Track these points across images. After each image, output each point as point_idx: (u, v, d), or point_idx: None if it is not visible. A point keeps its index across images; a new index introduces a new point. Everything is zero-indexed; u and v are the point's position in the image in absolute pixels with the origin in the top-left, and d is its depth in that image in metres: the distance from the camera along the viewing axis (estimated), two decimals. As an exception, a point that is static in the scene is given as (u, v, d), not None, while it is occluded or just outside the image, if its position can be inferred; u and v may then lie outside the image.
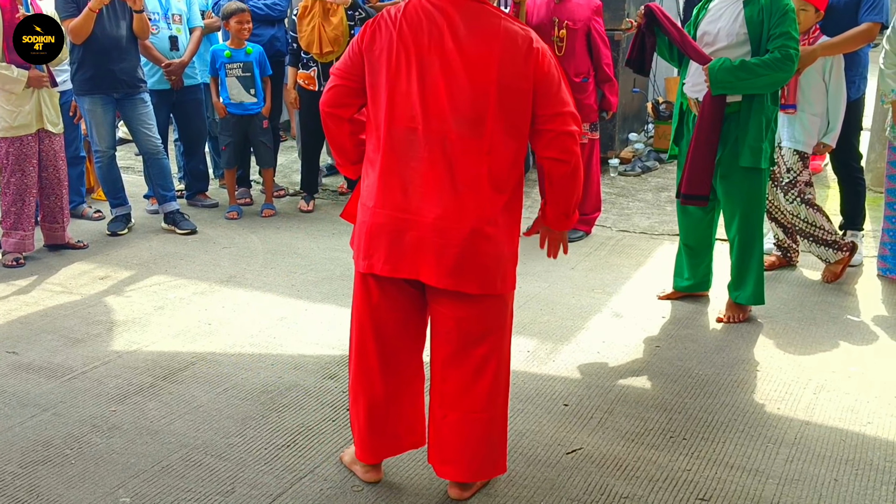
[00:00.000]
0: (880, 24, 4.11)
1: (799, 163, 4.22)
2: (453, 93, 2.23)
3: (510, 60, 2.23)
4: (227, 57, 5.53)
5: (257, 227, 5.50)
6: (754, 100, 3.61)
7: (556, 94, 2.28)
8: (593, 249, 4.97)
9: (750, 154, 3.64)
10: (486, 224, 2.28)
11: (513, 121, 2.26)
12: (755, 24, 3.54)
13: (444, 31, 2.24)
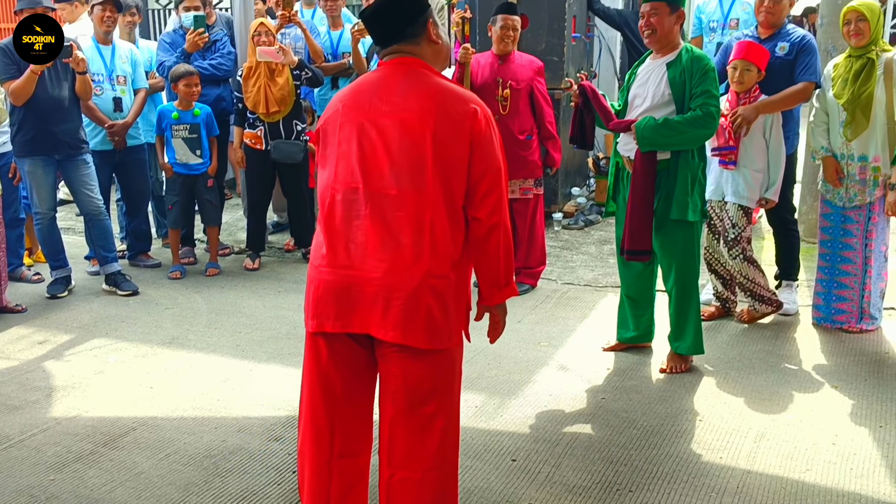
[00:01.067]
0: (815, 83, 4.33)
1: (743, 218, 4.38)
2: (391, 151, 2.29)
3: (446, 117, 2.29)
4: (174, 118, 5.53)
5: (201, 286, 5.44)
6: (681, 156, 3.76)
7: (489, 154, 2.33)
8: (539, 302, 5.03)
9: (678, 207, 3.77)
10: (433, 277, 2.30)
11: (450, 176, 2.31)
12: (678, 85, 3.71)
13: (384, 95, 2.33)
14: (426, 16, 2.41)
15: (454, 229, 2.34)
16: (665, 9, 3.72)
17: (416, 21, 2.39)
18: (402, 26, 2.39)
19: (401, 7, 2.41)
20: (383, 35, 2.43)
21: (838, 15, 4.50)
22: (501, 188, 2.35)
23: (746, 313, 4.60)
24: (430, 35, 2.41)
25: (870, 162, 4.27)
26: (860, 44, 4.17)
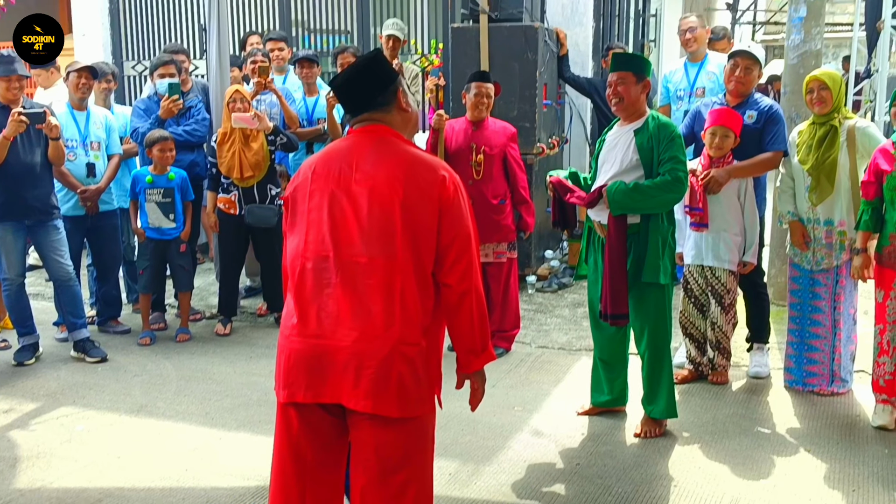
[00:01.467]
0: (783, 152, 4.44)
1: (734, 283, 4.49)
2: (361, 218, 2.30)
3: (415, 184, 2.31)
4: (148, 182, 5.53)
5: (171, 352, 5.37)
6: (651, 220, 3.83)
7: (458, 220, 2.34)
8: (513, 366, 5.01)
9: (650, 270, 3.82)
10: (403, 345, 2.29)
11: (420, 242, 2.32)
12: (646, 151, 3.80)
13: (354, 162, 2.35)
14: (396, 84, 2.45)
15: (424, 296, 2.34)
16: (632, 78, 3.83)
17: (385, 90, 2.43)
18: (373, 95, 2.43)
19: (371, 76, 2.44)
20: (354, 104, 2.47)
21: (801, 84, 4.64)
22: (472, 254, 2.36)
23: (718, 375, 4.62)
24: (399, 103, 2.45)
25: (835, 226, 4.36)
26: (823, 111, 4.30)
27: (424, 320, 2.35)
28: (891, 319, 3.99)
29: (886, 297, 4.00)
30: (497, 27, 6.40)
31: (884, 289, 4.02)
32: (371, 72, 2.45)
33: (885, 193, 3.94)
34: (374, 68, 2.45)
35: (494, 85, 5.22)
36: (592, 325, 4.18)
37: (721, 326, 4.56)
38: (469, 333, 2.41)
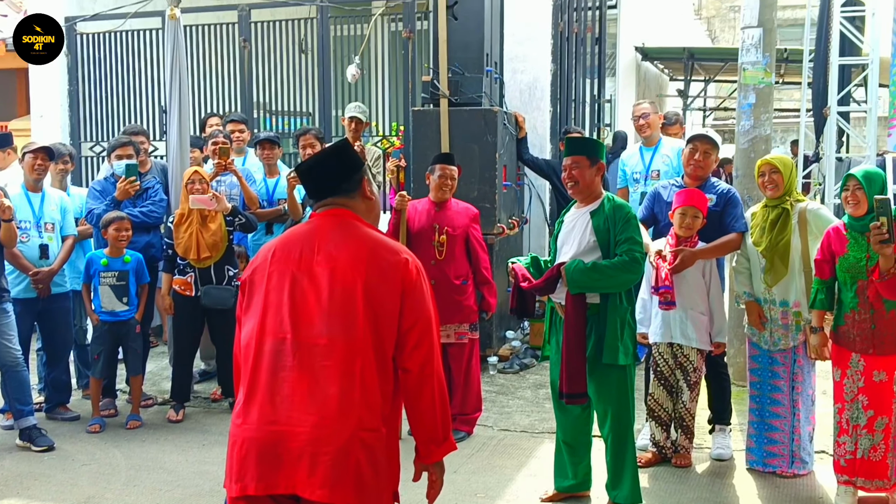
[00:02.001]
0: (743, 233, 4.51)
1: (702, 361, 4.52)
2: (321, 300, 2.27)
3: (377, 267, 2.30)
4: (102, 265, 5.43)
5: (121, 440, 5.18)
6: (609, 300, 3.84)
7: (420, 304, 2.32)
8: (475, 450, 4.92)
9: (609, 351, 3.82)
10: (363, 430, 2.23)
11: (381, 325, 2.28)
12: (602, 232, 3.85)
13: (315, 246, 2.34)
14: (362, 173, 2.47)
15: (384, 380, 2.30)
16: (586, 162, 3.90)
17: (351, 178, 2.44)
18: (338, 182, 2.44)
19: (338, 163, 2.46)
20: (318, 189, 2.47)
21: (752, 167, 4.77)
22: (433, 339, 2.33)
23: (681, 458, 4.59)
24: (364, 191, 2.47)
25: (790, 307, 4.41)
26: (775, 195, 4.40)
27: (384, 406, 2.29)
28: (849, 398, 4.01)
29: (843, 375, 4.03)
30: (457, 110, 6.52)
31: (841, 367, 4.05)
32: (338, 159, 2.47)
33: (838, 274, 4.01)
34: (341, 156, 2.48)
35: (457, 167, 5.28)
36: (556, 407, 4.13)
37: (686, 403, 4.54)
38: (430, 421, 2.35)
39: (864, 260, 3.87)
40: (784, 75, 13.27)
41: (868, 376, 3.94)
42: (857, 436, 3.98)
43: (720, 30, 24.89)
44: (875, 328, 3.88)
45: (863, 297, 3.91)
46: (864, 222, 3.88)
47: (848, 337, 4.00)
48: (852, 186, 3.93)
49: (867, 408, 3.95)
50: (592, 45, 9.28)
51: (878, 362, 3.91)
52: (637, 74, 13.04)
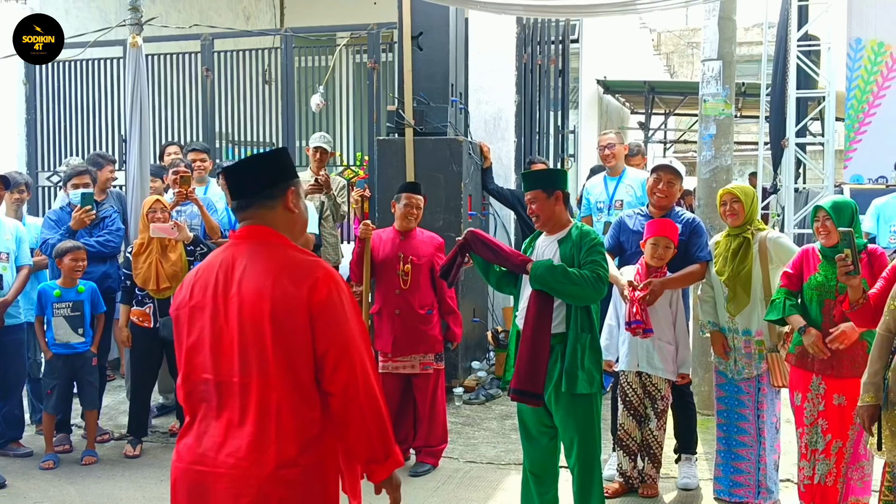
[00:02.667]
0: (708, 262, 4.53)
1: (669, 389, 4.51)
2: (232, 337, 2.20)
3: (282, 293, 2.19)
4: (56, 296, 5.28)
5: (76, 476, 5.00)
6: (572, 329, 3.82)
7: (333, 324, 2.20)
8: (441, 483, 4.84)
9: (570, 381, 3.78)
10: (282, 468, 2.16)
11: (293, 354, 2.19)
12: (568, 258, 3.85)
13: (228, 275, 2.25)
14: (291, 183, 2.36)
15: (306, 408, 2.21)
16: (542, 195, 3.91)
17: (276, 184, 2.34)
18: (263, 185, 2.33)
19: (267, 166, 2.36)
20: (241, 189, 2.35)
21: (713, 197, 4.81)
22: (353, 357, 2.21)
23: (648, 488, 4.56)
24: (287, 202, 2.35)
25: (753, 336, 4.42)
26: (736, 223, 4.43)
27: (308, 433, 2.20)
28: (808, 422, 4.02)
29: (804, 399, 4.04)
30: (422, 140, 6.52)
31: (801, 391, 4.06)
32: (269, 162, 2.37)
33: (805, 292, 4.03)
34: (273, 159, 2.39)
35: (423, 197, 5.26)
36: (523, 438, 4.08)
37: (654, 431, 4.52)
38: (366, 441, 2.24)
39: (834, 281, 3.90)
40: (742, 109, 13.54)
41: (828, 400, 3.95)
42: (816, 461, 3.99)
43: (679, 65, 25.41)
44: (836, 349, 3.90)
45: (828, 316, 3.93)
46: (836, 250, 3.90)
47: (807, 356, 4.01)
48: (822, 218, 3.97)
49: (826, 432, 3.97)
50: (556, 77, 9.39)
51: (838, 385, 3.92)
52: (599, 107, 13.23)
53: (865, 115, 8.92)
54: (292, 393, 2.18)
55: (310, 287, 2.20)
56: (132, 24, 6.08)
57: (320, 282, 2.21)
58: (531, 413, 3.97)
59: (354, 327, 2.24)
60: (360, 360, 2.23)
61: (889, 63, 8.84)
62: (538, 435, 3.98)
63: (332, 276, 2.26)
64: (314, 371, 2.22)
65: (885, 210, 6.61)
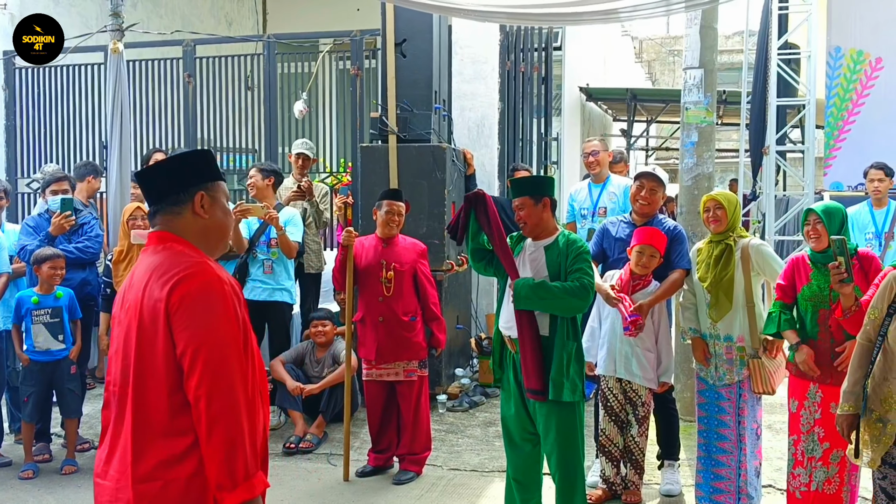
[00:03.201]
0: (688, 270, 4.55)
1: (650, 396, 4.52)
2: (119, 345, 2.19)
3: (148, 296, 2.10)
4: (34, 303, 5.22)
5: (55, 486, 4.94)
6: (557, 336, 3.83)
7: (189, 326, 2.05)
8: (425, 491, 4.82)
9: (554, 388, 3.79)
10: (143, 483, 2.05)
11: (158, 362, 2.08)
12: (555, 266, 3.88)
13: (129, 284, 2.21)
14: (201, 187, 2.25)
15: (175, 418, 2.07)
16: (529, 202, 3.94)
17: (186, 188, 2.22)
18: (170, 188, 2.22)
19: (180, 168, 2.26)
20: (150, 192, 2.27)
21: (695, 204, 4.84)
22: (207, 361, 2.03)
23: (631, 494, 4.56)
24: (195, 206, 2.22)
25: (735, 342, 4.43)
26: (718, 230, 4.45)
27: (175, 445, 2.05)
28: (805, 430, 4.02)
29: (800, 406, 4.04)
30: (406, 147, 6.52)
31: (798, 399, 4.06)
32: (177, 164, 2.27)
33: (799, 303, 4.04)
34: (182, 161, 2.29)
35: (404, 203, 5.25)
36: (506, 445, 4.08)
37: (635, 437, 4.53)
38: (211, 461, 2.03)
39: (827, 290, 3.92)
40: (723, 116, 13.63)
41: (825, 408, 3.95)
42: (812, 468, 3.99)
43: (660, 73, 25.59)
44: (835, 358, 3.90)
45: (824, 326, 3.94)
46: (826, 256, 3.91)
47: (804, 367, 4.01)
48: (812, 221, 3.98)
49: (823, 440, 3.97)
50: (539, 84, 9.42)
51: (835, 394, 3.88)
52: (582, 114, 13.27)
53: (845, 122, 9.01)
54: (161, 401, 2.07)
55: (171, 287, 2.06)
56: (113, 29, 6.05)
57: (182, 281, 2.07)
58: (515, 420, 3.98)
59: (222, 330, 2.06)
60: (218, 365, 2.03)
61: (868, 71, 8.94)
62: (521, 442, 3.98)
63: (200, 274, 2.09)
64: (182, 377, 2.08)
65: (857, 218, 6.70)
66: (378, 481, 5.03)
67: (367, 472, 5.12)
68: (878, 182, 6.59)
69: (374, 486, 4.96)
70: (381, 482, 5.01)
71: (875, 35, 8.90)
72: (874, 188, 6.61)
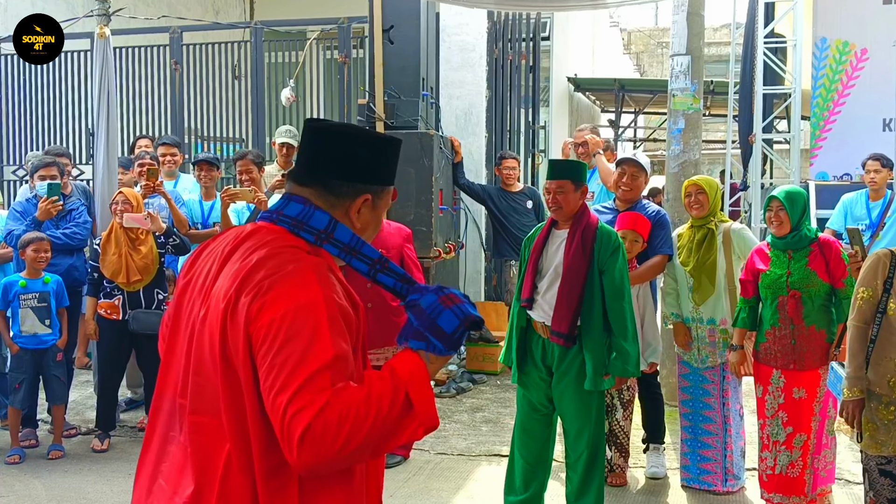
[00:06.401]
0: (669, 255, 4.58)
1: (634, 381, 4.55)
2: (191, 351, 1.67)
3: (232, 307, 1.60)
4: (21, 287, 5.21)
5: (42, 470, 4.94)
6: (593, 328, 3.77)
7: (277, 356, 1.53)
8: (412, 474, 4.85)
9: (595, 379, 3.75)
10: None
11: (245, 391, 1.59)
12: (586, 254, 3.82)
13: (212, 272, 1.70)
14: (371, 189, 1.79)
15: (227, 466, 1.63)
16: (570, 186, 3.82)
17: (355, 181, 1.76)
18: (341, 172, 1.75)
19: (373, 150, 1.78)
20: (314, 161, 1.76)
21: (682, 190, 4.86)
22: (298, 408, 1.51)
23: (616, 477, 4.61)
24: (352, 206, 1.77)
25: (718, 325, 4.49)
26: (700, 214, 4.50)
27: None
28: (769, 414, 4.09)
29: (765, 392, 4.10)
30: (393, 134, 6.49)
31: (762, 384, 4.13)
32: (381, 150, 1.78)
33: (760, 291, 4.10)
34: (391, 147, 1.81)
35: (391, 189, 5.25)
36: (519, 430, 4.02)
37: (619, 421, 4.57)
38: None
39: (784, 276, 3.98)
40: (710, 108, 13.68)
41: (788, 393, 4.02)
42: (777, 452, 4.05)
43: (648, 65, 25.64)
44: (795, 343, 3.97)
45: (783, 312, 4.00)
46: (786, 241, 4.00)
47: (769, 353, 4.07)
48: (775, 207, 4.04)
49: (787, 424, 4.03)
50: (526, 73, 9.43)
51: (797, 379, 3.98)
52: (570, 104, 13.30)
53: (831, 113, 9.06)
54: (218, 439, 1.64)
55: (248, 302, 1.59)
56: (100, 14, 6.01)
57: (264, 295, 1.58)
58: (535, 404, 3.96)
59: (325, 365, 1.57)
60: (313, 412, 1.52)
61: (854, 62, 8.99)
62: (539, 427, 3.99)
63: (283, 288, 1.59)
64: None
65: (853, 206, 6.71)
66: (365, 465, 5.05)
67: (355, 456, 5.13)
68: (875, 173, 6.50)
69: (362, 470, 4.97)
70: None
71: (861, 26, 8.95)
72: (871, 179, 6.52)
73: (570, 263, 3.79)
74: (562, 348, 3.83)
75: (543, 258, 3.94)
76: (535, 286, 3.92)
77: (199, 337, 1.65)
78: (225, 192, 5.67)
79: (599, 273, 3.78)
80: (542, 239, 3.96)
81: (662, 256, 4.58)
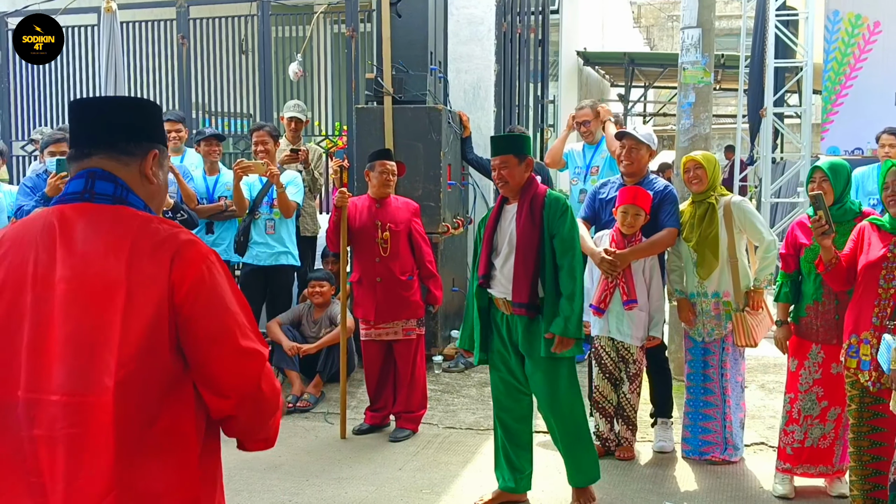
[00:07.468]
0: (677, 229, 4.56)
1: (642, 354, 4.57)
2: (47, 341, 1.64)
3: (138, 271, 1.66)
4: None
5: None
6: (549, 296, 3.82)
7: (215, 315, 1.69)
8: (421, 448, 4.88)
9: (549, 344, 3.80)
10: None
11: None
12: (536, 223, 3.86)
13: (56, 246, 1.68)
14: (156, 146, 1.85)
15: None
16: (513, 160, 3.89)
17: (139, 139, 1.82)
18: (122, 133, 1.80)
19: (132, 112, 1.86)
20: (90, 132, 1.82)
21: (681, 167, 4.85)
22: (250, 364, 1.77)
23: (624, 451, 4.62)
24: (146, 167, 1.83)
25: (721, 297, 4.50)
26: (699, 189, 4.50)
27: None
28: (803, 388, 4.03)
29: (800, 366, 4.05)
30: (401, 108, 6.49)
31: (798, 358, 4.06)
32: (143, 110, 1.86)
33: (802, 266, 4.04)
34: (148, 109, 1.88)
35: (399, 165, 5.25)
36: (498, 410, 4.09)
37: (627, 394, 4.59)
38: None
39: None
40: (721, 81, 13.57)
41: (826, 368, 3.97)
42: (809, 426, 4.03)
43: (658, 38, 25.41)
44: (839, 318, 3.84)
45: (827, 287, 3.90)
46: (831, 211, 3.83)
47: (811, 328, 4.01)
48: (819, 178, 3.93)
49: (821, 399, 4.00)
50: (535, 47, 9.35)
51: (837, 354, 3.82)
52: (579, 79, 13.21)
53: (843, 87, 8.97)
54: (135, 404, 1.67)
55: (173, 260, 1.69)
56: (106, -12, 5.99)
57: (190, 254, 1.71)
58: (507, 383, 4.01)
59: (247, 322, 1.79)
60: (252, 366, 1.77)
61: (866, 35, 8.88)
62: (514, 404, 4.04)
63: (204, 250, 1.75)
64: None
65: (864, 181, 6.64)
66: (374, 439, 5.09)
67: (364, 429, 5.18)
68: (889, 147, 6.36)
69: (371, 443, 5.02)
70: (377, 440, 5.07)
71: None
72: (885, 153, 6.38)
73: (522, 232, 3.83)
74: (525, 324, 3.86)
75: (497, 234, 3.98)
76: (492, 263, 3.96)
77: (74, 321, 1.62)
78: (237, 165, 5.65)
79: (551, 238, 3.80)
80: (494, 216, 4.02)
81: (670, 230, 4.56)
